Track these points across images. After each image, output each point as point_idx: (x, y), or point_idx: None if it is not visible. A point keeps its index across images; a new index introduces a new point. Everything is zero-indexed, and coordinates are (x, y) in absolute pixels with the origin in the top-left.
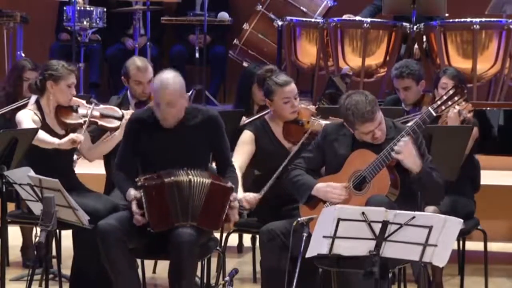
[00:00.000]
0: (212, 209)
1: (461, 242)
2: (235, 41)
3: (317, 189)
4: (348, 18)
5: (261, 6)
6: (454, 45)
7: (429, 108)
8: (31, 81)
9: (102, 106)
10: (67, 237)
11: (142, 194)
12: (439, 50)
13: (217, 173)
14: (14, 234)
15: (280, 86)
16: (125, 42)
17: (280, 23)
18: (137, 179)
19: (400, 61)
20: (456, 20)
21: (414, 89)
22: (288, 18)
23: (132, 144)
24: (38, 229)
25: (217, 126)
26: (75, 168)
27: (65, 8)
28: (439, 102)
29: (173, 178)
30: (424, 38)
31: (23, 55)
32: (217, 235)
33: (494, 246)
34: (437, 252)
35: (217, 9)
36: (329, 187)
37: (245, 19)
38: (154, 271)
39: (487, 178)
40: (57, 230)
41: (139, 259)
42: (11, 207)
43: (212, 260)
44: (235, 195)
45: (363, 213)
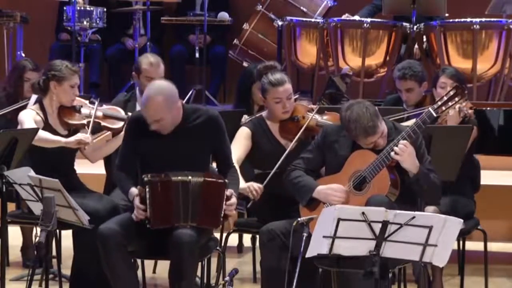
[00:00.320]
0: (210, 206)
1: (461, 242)
2: (235, 41)
3: (318, 192)
4: (348, 18)
5: (261, 6)
6: (454, 45)
7: (429, 108)
8: (33, 81)
9: (105, 106)
10: (67, 237)
11: (148, 189)
12: (439, 50)
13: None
14: (14, 234)
15: (272, 86)
16: (125, 42)
17: (280, 23)
18: (143, 175)
19: (403, 62)
20: (456, 20)
21: (417, 90)
22: (288, 18)
23: (132, 145)
24: (38, 229)
25: (217, 126)
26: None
27: (65, 8)
28: (439, 103)
29: (180, 178)
30: (424, 38)
31: (23, 55)
32: (217, 235)
33: (494, 246)
34: (437, 252)
35: (217, 9)
36: (329, 190)
37: (245, 19)
38: (154, 271)
39: (487, 178)
40: (57, 230)
41: (139, 259)
42: (11, 207)
43: (212, 260)
44: (231, 191)
45: (363, 213)
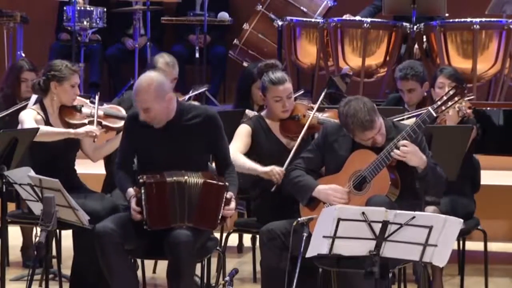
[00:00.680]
0: (208, 208)
1: (461, 242)
2: (235, 41)
3: (318, 191)
4: (348, 18)
5: (261, 6)
6: (454, 45)
7: (429, 108)
8: (33, 81)
9: (106, 105)
10: (67, 237)
11: (143, 191)
12: (439, 50)
13: (216, 173)
14: (14, 234)
15: (272, 84)
16: (125, 42)
17: (280, 23)
18: (139, 177)
19: (404, 62)
20: (456, 20)
21: (418, 91)
22: (288, 18)
23: (131, 143)
24: (38, 229)
25: (215, 125)
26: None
27: (65, 8)
28: (439, 103)
29: (175, 178)
30: (424, 38)
31: (23, 55)
32: (217, 235)
33: (494, 246)
34: (437, 252)
35: (217, 9)
36: (330, 190)
37: (245, 19)
38: (154, 271)
39: (487, 178)
40: (57, 230)
41: (139, 259)
42: (11, 207)
43: (212, 260)
44: (231, 193)
45: (363, 213)
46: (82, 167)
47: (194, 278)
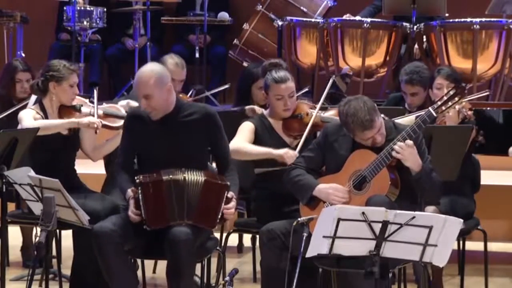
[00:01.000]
0: (208, 207)
1: (461, 242)
2: (235, 41)
3: (319, 190)
4: (348, 18)
5: (261, 6)
6: (454, 45)
7: (430, 108)
8: (33, 82)
9: (106, 105)
10: (67, 237)
11: (140, 191)
12: (439, 50)
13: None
14: (14, 234)
15: (275, 82)
16: (125, 42)
17: (280, 23)
18: (136, 177)
19: (410, 65)
20: (456, 20)
21: (421, 95)
22: (288, 18)
23: (131, 141)
24: (38, 229)
25: (215, 123)
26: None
27: (65, 8)
28: (439, 103)
29: (171, 176)
30: (424, 38)
31: (23, 55)
32: (217, 235)
33: (494, 246)
34: (437, 252)
35: (217, 9)
36: (331, 189)
37: (245, 19)
38: (154, 271)
39: (487, 178)
40: (57, 230)
41: (139, 259)
42: (11, 207)
43: (212, 260)
44: (232, 193)
45: (363, 213)
46: (82, 167)
47: (194, 278)
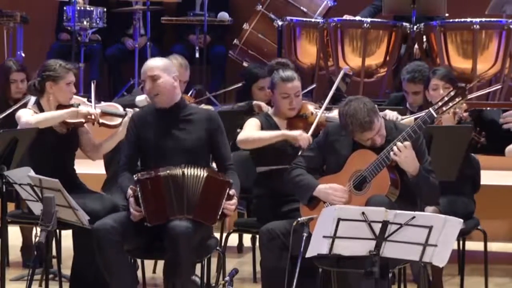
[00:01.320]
0: (209, 202)
1: (461, 242)
2: (235, 41)
3: (318, 190)
4: (348, 18)
5: (261, 6)
6: (454, 45)
7: (430, 108)
8: (30, 83)
9: (104, 103)
10: (67, 237)
11: (138, 188)
12: (439, 50)
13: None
14: (14, 234)
15: (282, 81)
16: (125, 42)
17: (280, 23)
18: (135, 175)
19: (412, 64)
20: (456, 20)
21: (423, 93)
22: (288, 18)
23: (134, 141)
24: (38, 229)
25: (217, 124)
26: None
27: (65, 8)
28: (440, 103)
29: (168, 172)
30: (424, 38)
31: (23, 55)
32: (217, 235)
33: (494, 246)
34: (437, 252)
35: (217, 9)
36: (330, 189)
37: (245, 19)
38: (154, 271)
39: (487, 178)
40: (57, 230)
41: (139, 259)
42: (11, 207)
43: (212, 260)
44: (234, 191)
45: (363, 213)
46: (82, 167)
47: (194, 278)
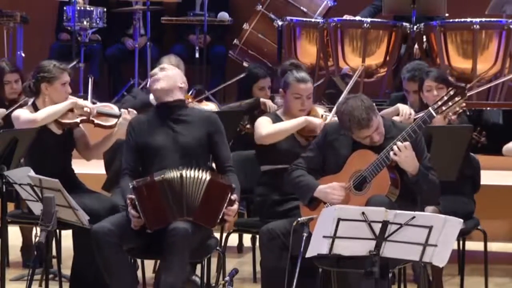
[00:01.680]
0: (210, 206)
1: (461, 242)
2: (235, 41)
3: (318, 191)
4: (348, 18)
5: (261, 6)
6: (454, 45)
7: (430, 108)
8: (25, 84)
9: (99, 104)
10: (67, 237)
11: (135, 196)
12: (439, 50)
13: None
14: (14, 234)
15: (296, 81)
16: (125, 42)
17: (280, 23)
18: (130, 183)
19: (412, 63)
20: (456, 20)
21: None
22: (288, 18)
23: (133, 147)
24: (38, 229)
25: (216, 125)
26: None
27: (65, 8)
28: (440, 103)
29: (163, 176)
30: (424, 38)
31: (23, 55)
32: (217, 235)
33: (494, 246)
34: (437, 252)
35: (217, 9)
36: (329, 188)
37: (245, 19)
38: (154, 271)
39: (487, 178)
40: (57, 230)
41: (139, 259)
42: (11, 207)
43: (212, 260)
44: (235, 196)
45: (363, 213)
46: (81, 167)
47: (194, 278)
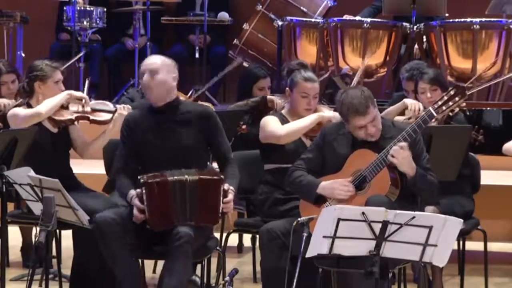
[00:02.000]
0: (207, 204)
1: (461, 242)
2: (235, 41)
3: (322, 187)
4: (348, 18)
5: (261, 6)
6: (454, 45)
7: (430, 108)
8: (19, 85)
9: (94, 101)
10: (67, 237)
11: (144, 191)
12: (439, 50)
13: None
14: (14, 234)
15: (304, 80)
16: (125, 42)
17: (280, 23)
18: (139, 176)
19: (411, 63)
20: (456, 20)
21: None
22: (288, 18)
23: (129, 143)
24: (38, 229)
25: (214, 121)
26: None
27: (65, 8)
28: (439, 103)
29: (176, 177)
30: (424, 38)
31: (23, 55)
32: (217, 235)
33: (494, 246)
34: (437, 252)
35: (217, 9)
36: (335, 184)
37: (245, 19)
38: (154, 271)
39: (487, 178)
40: (57, 230)
41: (139, 260)
42: (11, 207)
43: (212, 260)
44: (228, 185)
45: (363, 213)
46: (81, 167)
47: (194, 278)
